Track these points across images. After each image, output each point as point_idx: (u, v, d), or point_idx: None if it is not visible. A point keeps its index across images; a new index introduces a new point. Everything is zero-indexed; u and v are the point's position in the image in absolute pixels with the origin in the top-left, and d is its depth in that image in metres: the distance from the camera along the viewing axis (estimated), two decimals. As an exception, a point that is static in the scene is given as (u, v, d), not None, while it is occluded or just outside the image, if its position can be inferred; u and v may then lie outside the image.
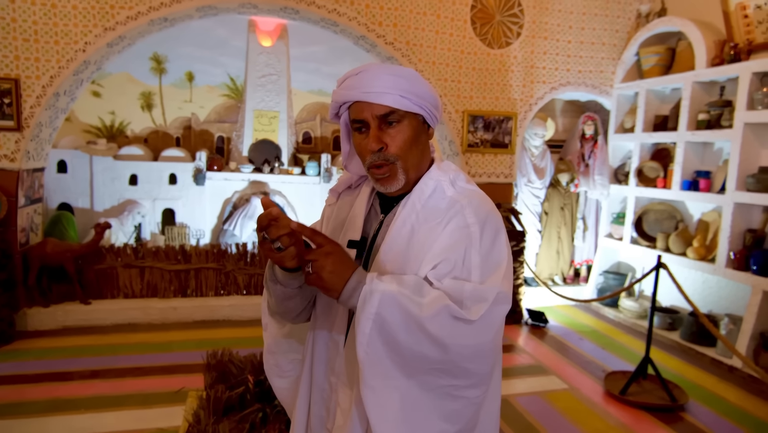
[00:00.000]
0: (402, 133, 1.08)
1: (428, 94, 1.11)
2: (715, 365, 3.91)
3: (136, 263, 4.56)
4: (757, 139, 3.96)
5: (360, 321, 0.97)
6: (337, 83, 1.13)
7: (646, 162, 4.94)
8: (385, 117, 1.07)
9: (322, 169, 5.93)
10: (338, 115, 1.17)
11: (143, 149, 5.78)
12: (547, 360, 3.96)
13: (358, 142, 1.11)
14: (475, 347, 0.99)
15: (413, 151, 1.11)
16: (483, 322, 0.98)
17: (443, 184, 1.13)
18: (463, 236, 1.05)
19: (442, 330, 0.96)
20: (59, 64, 3.91)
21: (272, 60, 5.95)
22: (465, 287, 1.00)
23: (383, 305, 0.97)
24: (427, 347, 0.97)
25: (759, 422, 3.10)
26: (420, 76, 1.11)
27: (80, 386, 3.24)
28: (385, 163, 1.08)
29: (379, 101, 1.05)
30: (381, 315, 0.96)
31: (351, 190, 1.28)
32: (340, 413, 1.12)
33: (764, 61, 3.79)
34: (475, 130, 4.87)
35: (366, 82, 1.06)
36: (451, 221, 1.08)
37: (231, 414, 2.38)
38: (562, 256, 5.51)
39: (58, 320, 4.20)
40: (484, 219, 1.07)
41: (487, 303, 0.99)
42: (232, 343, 3.39)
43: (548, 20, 4.93)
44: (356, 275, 0.99)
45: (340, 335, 1.14)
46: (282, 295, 1.11)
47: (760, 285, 3.74)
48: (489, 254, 1.05)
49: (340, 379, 1.13)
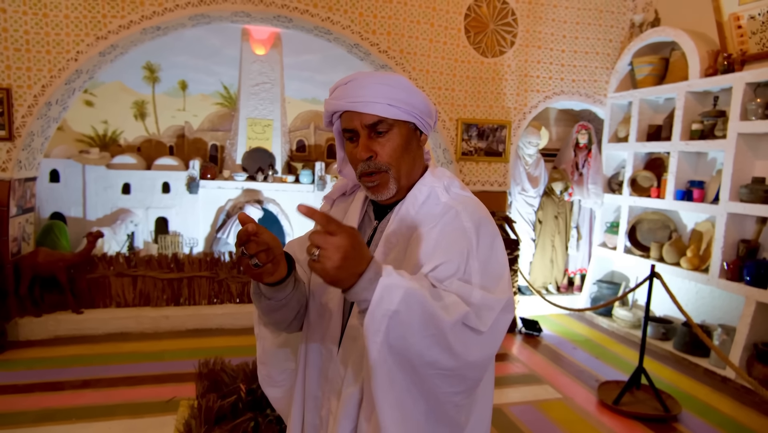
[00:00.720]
0: (391, 141, 1.08)
1: (419, 101, 1.10)
2: (709, 375, 3.90)
3: (129, 271, 4.53)
4: (751, 150, 3.97)
5: (375, 317, 0.89)
6: (329, 92, 1.14)
7: (639, 171, 4.95)
8: (373, 126, 1.07)
9: (316, 177, 5.92)
10: (332, 123, 1.18)
11: (136, 158, 5.76)
12: (541, 369, 3.94)
13: (349, 150, 1.12)
14: (482, 358, 0.97)
15: (404, 159, 1.11)
16: (491, 332, 0.97)
17: (437, 190, 1.13)
18: (463, 239, 1.04)
19: (458, 337, 0.93)
20: (51, 74, 3.90)
21: (266, 68, 5.96)
22: (473, 293, 0.98)
23: (405, 303, 0.89)
24: (438, 353, 0.91)
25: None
26: (410, 84, 1.11)
27: (71, 395, 3.21)
28: (377, 171, 1.07)
29: (368, 111, 1.05)
30: (399, 313, 0.89)
31: (345, 198, 1.29)
32: (332, 420, 1.11)
33: (758, 72, 3.81)
34: (469, 138, 4.87)
35: (354, 92, 1.06)
36: (447, 223, 1.07)
37: (223, 423, 2.36)
38: (555, 265, 5.51)
39: (50, 329, 4.16)
40: (480, 225, 1.06)
41: (494, 312, 0.97)
42: (224, 352, 3.36)
43: (542, 29, 4.95)
44: (372, 267, 0.90)
45: (334, 342, 1.13)
46: (267, 307, 1.09)
47: (753, 296, 3.74)
48: (488, 261, 1.04)
49: (333, 386, 1.12)
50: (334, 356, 1.12)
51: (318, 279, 1.18)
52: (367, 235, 1.18)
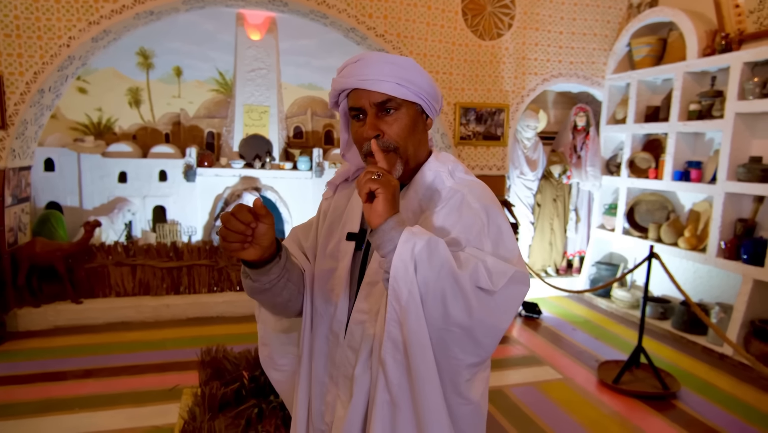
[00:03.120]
0: (399, 121, 1.08)
1: (426, 83, 1.10)
2: (707, 353, 3.95)
3: (128, 261, 4.52)
4: (748, 129, 3.97)
5: (402, 254, 0.93)
6: (337, 72, 1.13)
7: (637, 153, 4.96)
8: (382, 104, 1.07)
9: (314, 163, 5.89)
10: (338, 104, 1.17)
11: (132, 146, 5.70)
12: (541, 351, 3.98)
13: (356, 129, 1.11)
14: (493, 322, 0.97)
15: (411, 139, 1.10)
16: (503, 296, 0.97)
17: (442, 174, 1.13)
18: (474, 218, 1.05)
19: (473, 292, 0.94)
20: (43, 60, 3.84)
21: (261, 54, 5.89)
22: (487, 257, 0.99)
23: (428, 247, 0.93)
24: (455, 303, 0.94)
25: (750, 409, 3.14)
26: (418, 66, 1.11)
27: (73, 385, 3.21)
28: (384, 150, 1.07)
29: (376, 88, 1.05)
30: (422, 255, 0.93)
31: (348, 183, 1.28)
32: (340, 405, 1.12)
33: (755, 51, 3.80)
34: (467, 122, 4.85)
35: (364, 70, 1.06)
36: (455, 206, 1.07)
37: (226, 410, 2.38)
38: (554, 247, 5.53)
39: (50, 320, 4.15)
40: (488, 207, 1.07)
41: (506, 276, 0.97)
42: (226, 339, 3.38)
43: (539, 11, 4.91)
44: (399, 216, 0.98)
45: (340, 327, 1.13)
46: (251, 288, 1.09)
47: (750, 274, 3.77)
48: (498, 240, 1.05)
49: (340, 371, 1.12)
50: (341, 341, 1.13)
51: (324, 266, 1.19)
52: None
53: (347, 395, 1.10)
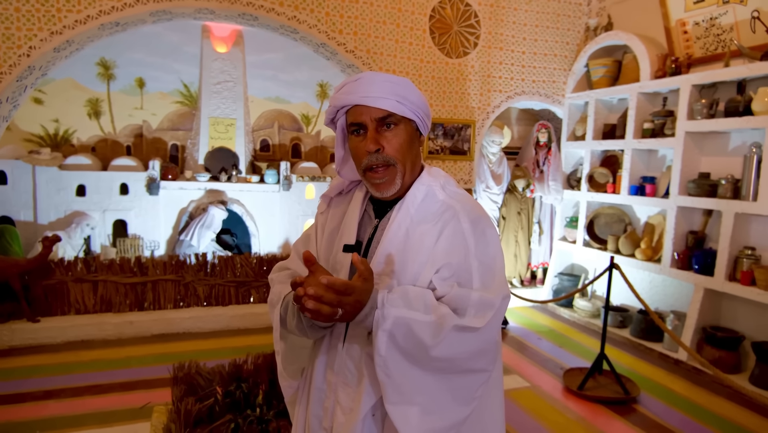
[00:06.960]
0: (398, 136, 1.14)
1: (421, 102, 1.18)
2: (663, 358, 4.15)
3: (89, 276, 4.36)
4: (697, 147, 4.24)
5: (375, 343, 1.05)
6: (335, 90, 1.18)
7: (596, 168, 5.19)
8: (382, 120, 1.13)
9: (282, 177, 5.87)
10: (333, 121, 1.22)
11: (91, 159, 5.52)
12: (509, 360, 4.08)
13: (355, 144, 1.16)
14: (479, 349, 1.07)
15: (408, 155, 1.17)
16: (488, 326, 1.06)
17: (435, 188, 1.20)
18: (461, 241, 1.12)
19: (449, 349, 1.04)
20: (1, 70, 3.70)
21: (228, 66, 5.84)
22: (471, 295, 1.07)
23: (396, 327, 1.04)
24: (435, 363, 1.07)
25: (703, 411, 3.32)
26: (413, 85, 1.18)
27: (33, 407, 3.06)
28: (384, 164, 1.13)
29: (379, 105, 1.11)
30: (393, 334, 1.05)
31: (342, 196, 1.32)
32: (340, 411, 1.15)
33: (702, 74, 4.07)
34: (435, 137, 4.96)
35: (364, 88, 1.12)
36: (447, 225, 1.14)
37: (201, 426, 2.34)
38: (519, 259, 5.69)
39: (4, 340, 3.95)
40: (477, 222, 1.14)
41: (493, 309, 1.07)
42: (194, 355, 3.31)
43: (503, 32, 5.11)
44: (370, 302, 1.06)
45: (338, 337, 1.18)
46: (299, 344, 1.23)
47: (701, 283, 4.00)
48: (485, 256, 1.12)
49: (339, 378, 1.16)
50: (340, 350, 1.17)
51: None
52: (368, 233, 1.22)
53: (347, 401, 1.14)
